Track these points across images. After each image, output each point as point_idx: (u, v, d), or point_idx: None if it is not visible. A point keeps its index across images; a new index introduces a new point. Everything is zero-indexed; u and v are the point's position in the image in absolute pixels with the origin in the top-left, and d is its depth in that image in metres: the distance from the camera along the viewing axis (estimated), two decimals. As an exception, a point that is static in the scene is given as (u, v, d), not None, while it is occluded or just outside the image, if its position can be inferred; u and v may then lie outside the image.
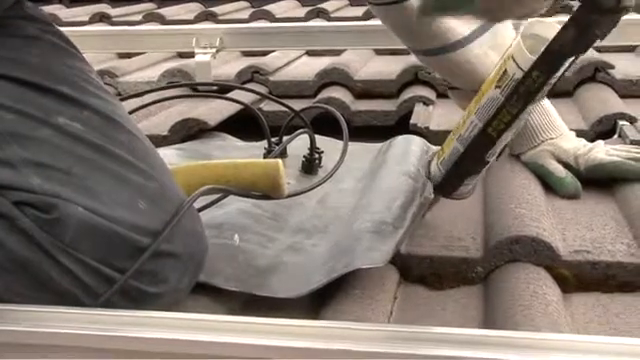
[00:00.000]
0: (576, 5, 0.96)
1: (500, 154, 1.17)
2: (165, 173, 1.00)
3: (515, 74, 1.04)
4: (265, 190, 1.15)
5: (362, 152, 1.59)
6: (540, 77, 1.02)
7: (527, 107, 1.05)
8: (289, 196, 1.19)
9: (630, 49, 2.31)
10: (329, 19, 3.36)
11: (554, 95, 1.93)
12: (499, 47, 1.32)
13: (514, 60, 1.04)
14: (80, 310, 0.85)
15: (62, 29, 1.13)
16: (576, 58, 1.00)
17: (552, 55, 1.00)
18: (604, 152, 1.34)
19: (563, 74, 1.03)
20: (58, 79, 0.96)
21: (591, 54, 2.03)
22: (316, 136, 1.50)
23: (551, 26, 1.02)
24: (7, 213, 0.86)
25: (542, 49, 1.01)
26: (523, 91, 1.03)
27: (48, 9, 3.93)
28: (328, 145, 1.55)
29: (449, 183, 1.16)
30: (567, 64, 1.00)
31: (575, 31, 0.97)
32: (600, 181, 1.33)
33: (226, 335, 0.78)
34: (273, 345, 0.76)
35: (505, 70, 1.05)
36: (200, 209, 1.07)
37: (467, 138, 1.11)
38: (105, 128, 0.95)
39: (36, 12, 1.04)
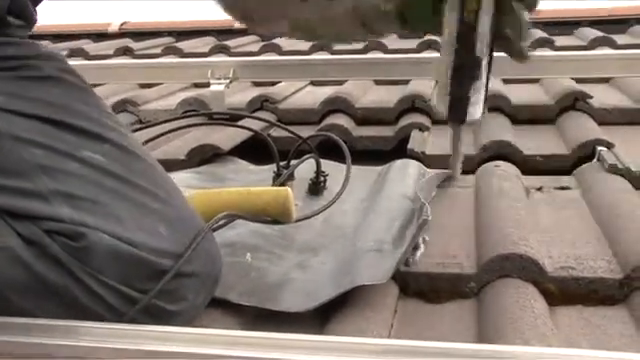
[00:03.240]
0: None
1: (492, 51, 1.10)
2: (180, 198, 1.00)
3: None
4: (275, 215, 1.14)
5: (363, 175, 1.58)
6: None
7: None
8: (297, 220, 1.19)
9: (605, 80, 2.31)
10: (332, 52, 3.35)
11: (537, 122, 1.95)
12: None
13: None
14: (102, 325, 0.85)
15: (89, 62, 1.14)
16: None
17: None
18: None
19: None
20: (78, 116, 0.95)
21: (571, 85, 2.03)
22: (321, 160, 1.50)
23: None
24: (38, 241, 0.86)
25: None
26: None
27: (77, 44, 3.94)
28: (332, 168, 1.54)
29: (457, 103, 1.10)
30: None
31: None
32: (580, 202, 1.33)
33: (241, 349, 0.77)
34: (285, 359, 0.75)
35: None
36: (214, 229, 1.06)
37: (451, 41, 1.07)
38: (124, 159, 0.95)
39: (49, 51, 1.04)
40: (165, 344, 0.80)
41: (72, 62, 2.54)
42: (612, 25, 3.47)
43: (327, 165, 1.54)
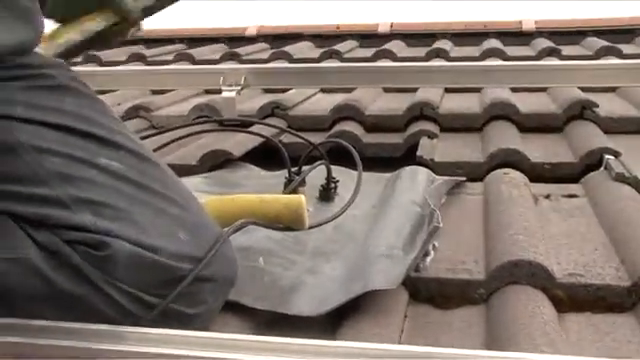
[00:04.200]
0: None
1: None
2: (196, 203, 1.00)
3: None
4: (288, 223, 1.15)
5: (373, 181, 1.58)
6: None
7: None
8: (310, 227, 1.19)
9: (612, 90, 2.30)
10: (341, 59, 3.36)
11: (545, 130, 1.95)
12: None
13: None
14: (117, 328, 0.85)
15: (103, 68, 1.17)
16: None
17: None
18: None
19: None
20: (91, 123, 0.94)
21: (578, 94, 2.03)
22: (332, 166, 1.50)
23: None
24: (58, 250, 0.86)
25: None
26: None
27: (90, 50, 3.94)
28: (342, 174, 1.54)
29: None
30: None
31: None
32: (588, 210, 1.33)
33: (257, 354, 0.77)
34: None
35: None
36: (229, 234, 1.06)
37: None
38: (139, 165, 0.95)
39: (55, 59, 1.04)
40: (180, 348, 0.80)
41: (86, 68, 2.56)
42: (619, 35, 3.47)
43: (337, 171, 1.54)
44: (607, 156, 1.59)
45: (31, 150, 0.89)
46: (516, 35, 3.68)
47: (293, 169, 1.52)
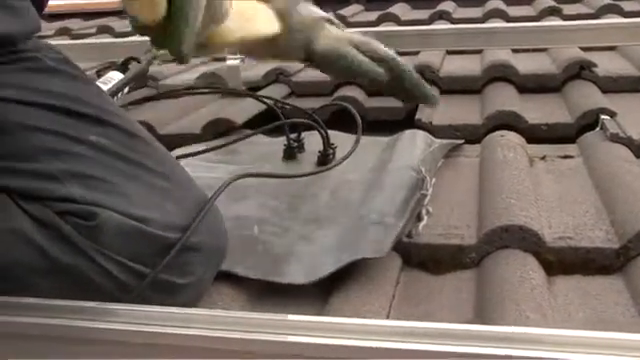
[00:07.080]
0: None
1: None
2: (185, 176, 1.00)
3: None
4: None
5: (371, 145, 1.55)
6: None
7: None
8: (302, 175, 1.19)
9: (612, 48, 2.25)
10: (347, 24, 3.30)
11: (544, 90, 1.91)
12: None
13: None
14: (117, 306, 0.84)
15: (115, 40, 1.15)
16: None
17: None
18: None
19: None
20: (81, 103, 0.95)
21: (577, 53, 1.99)
22: (330, 132, 1.48)
23: None
24: (50, 222, 0.86)
25: None
26: None
27: (104, 21, 3.94)
28: (342, 140, 1.51)
29: None
30: None
31: None
32: (582, 171, 1.31)
33: (247, 331, 0.77)
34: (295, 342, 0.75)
35: None
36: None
37: None
38: (128, 142, 0.95)
39: (46, 43, 1.05)
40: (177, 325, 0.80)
41: (100, 40, 2.53)
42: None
43: (337, 137, 1.51)
44: (603, 116, 1.56)
45: (20, 129, 0.90)
46: (519, -6, 3.61)
47: (292, 135, 1.51)
